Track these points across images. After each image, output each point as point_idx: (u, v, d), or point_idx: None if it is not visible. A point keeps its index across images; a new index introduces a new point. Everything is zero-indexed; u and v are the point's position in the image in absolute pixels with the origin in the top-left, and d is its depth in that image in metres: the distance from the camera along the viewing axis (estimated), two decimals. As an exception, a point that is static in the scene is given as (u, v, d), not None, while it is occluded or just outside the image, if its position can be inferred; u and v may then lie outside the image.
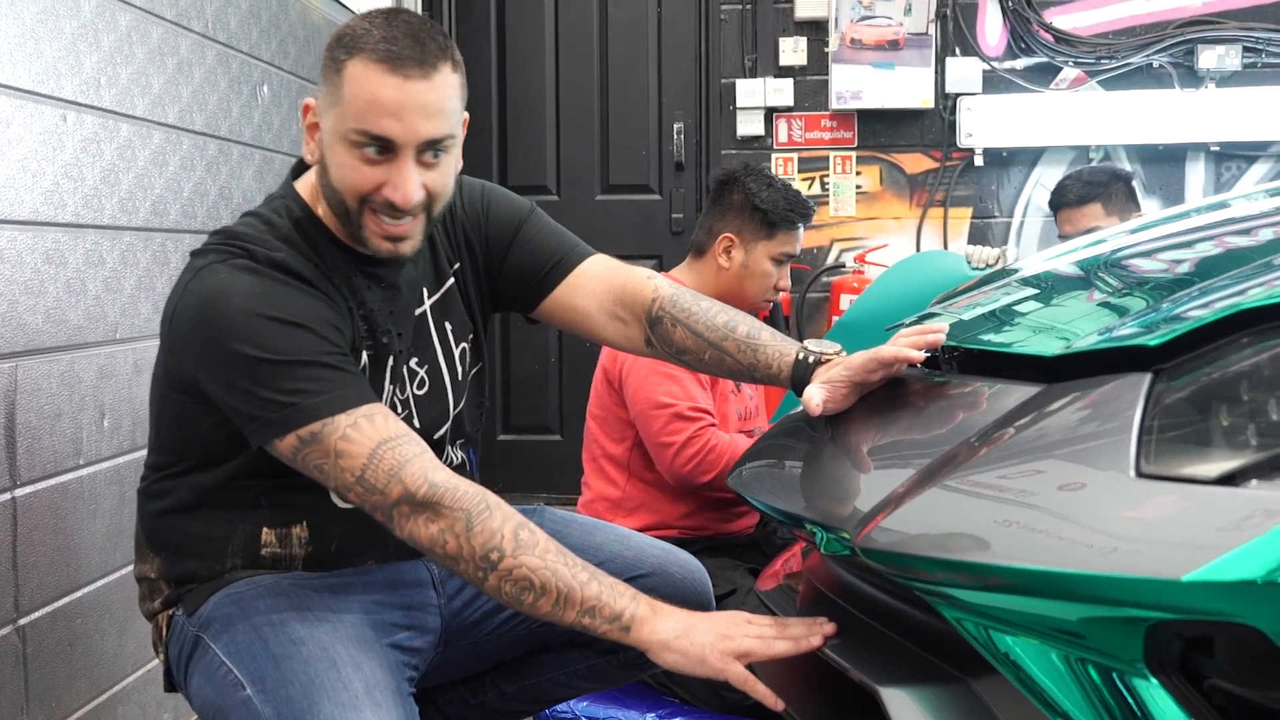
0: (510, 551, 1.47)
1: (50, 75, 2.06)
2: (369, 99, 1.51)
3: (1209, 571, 0.88)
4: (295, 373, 1.48)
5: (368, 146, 1.53)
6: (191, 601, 1.62)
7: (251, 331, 1.49)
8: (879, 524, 1.20)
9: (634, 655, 1.80)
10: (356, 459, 1.47)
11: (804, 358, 1.67)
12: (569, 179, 4.60)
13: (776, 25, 4.40)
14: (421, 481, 1.48)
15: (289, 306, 1.52)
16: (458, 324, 1.77)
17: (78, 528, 2.15)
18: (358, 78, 1.51)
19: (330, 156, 1.57)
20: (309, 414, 1.48)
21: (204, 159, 2.61)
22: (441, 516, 1.48)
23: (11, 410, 1.95)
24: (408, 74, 1.51)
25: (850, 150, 4.41)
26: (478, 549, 1.47)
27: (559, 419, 4.65)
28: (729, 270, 2.75)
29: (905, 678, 1.27)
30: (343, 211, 1.58)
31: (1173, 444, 1.03)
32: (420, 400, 1.71)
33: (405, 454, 1.49)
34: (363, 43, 1.52)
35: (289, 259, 1.56)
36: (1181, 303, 1.25)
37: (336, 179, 1.56)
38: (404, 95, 1.51)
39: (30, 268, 1.99)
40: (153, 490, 1.68)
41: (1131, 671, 1.00)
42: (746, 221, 2.73)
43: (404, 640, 1.68)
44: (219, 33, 2.69)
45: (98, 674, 2.22)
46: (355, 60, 1.52)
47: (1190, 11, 4.26)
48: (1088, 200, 3.30)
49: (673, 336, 1.78)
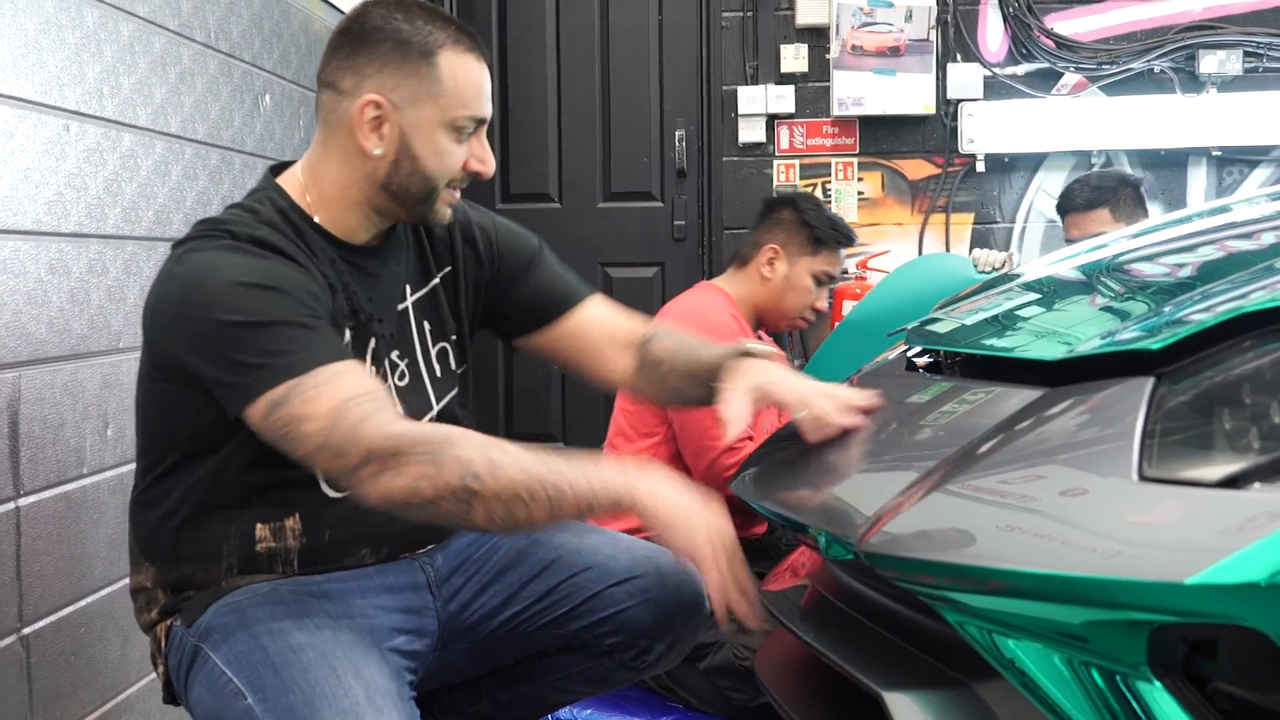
0: (487, 472, 1.45)
1: (53, 85, 2.06)
2: (474, 87, 1.67)
3: (1213, 574, 0.88)
4: (272, 333, 1.49)
5: (468, 129, 1.67)
6: (190, 612, 1.62)
7: (230, 298, 1.50)
8: (882, 528, 1.20)
9: (631, 657, 1.82)
10: (318, 420, 1.45)
11: (739, 351, 1.75)
12: (571, 186, 4.60)
13: (778, 32, 4.41)
14: (378, 436, 1.45)
15: (267, 273, 1.53)
16: (438, 324, 1.80)
17: (81, 537, 2.15)
18: (458, 68, 1.65)
19: (423, 145, 1.65)
20: (279, 374, 1.47)
21: (206, 169, 2.61)
22: (407, 464, 1.44)
23: (15, 420, 1.95)
24: (485, 58, 1.70)
25: (852, 156, 4.41)
26: (454, 482, 1.44)
27: (562, 426, 4.65)
28: (771, 281, 2.84)
29: (908, 682, 1.27)
30: (423, 194, 1.67)
31: (1175, 447, 1.03)
32: (402, 392, 1.73)
33: (364, 410, 1.46)
34: (440, 35, 1.64)
35: (270, 236, 1.59)
36: (1183, 307, 1.25)
37: (433, 165, 1.66)
38: (488, 78, 1.71)
39: (34, 278, 2.00)
40: (144, 499, 1.68)
41: (1135, 675, 1.00)
42: (794, 236, 2.84)
43: (403, 644, 1.68)
44: (221, 42, 2.70)
45: (102, 683, 2.22)
46: (447, 53, 1.64)
47: (1191, 16, 4.26)
48: (1095, 205, 3.30)
49: (655, 350, 1.86)
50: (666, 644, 1.83)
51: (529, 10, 4.60)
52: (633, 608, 1.79)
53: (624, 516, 1.53)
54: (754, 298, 2.84)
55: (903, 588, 1.23)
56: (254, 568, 1.64)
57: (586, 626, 1.80)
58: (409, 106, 1.63)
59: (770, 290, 2.84)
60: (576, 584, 1.79)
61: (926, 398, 1.54)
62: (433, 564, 1.77)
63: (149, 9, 2.38)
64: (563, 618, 1.80)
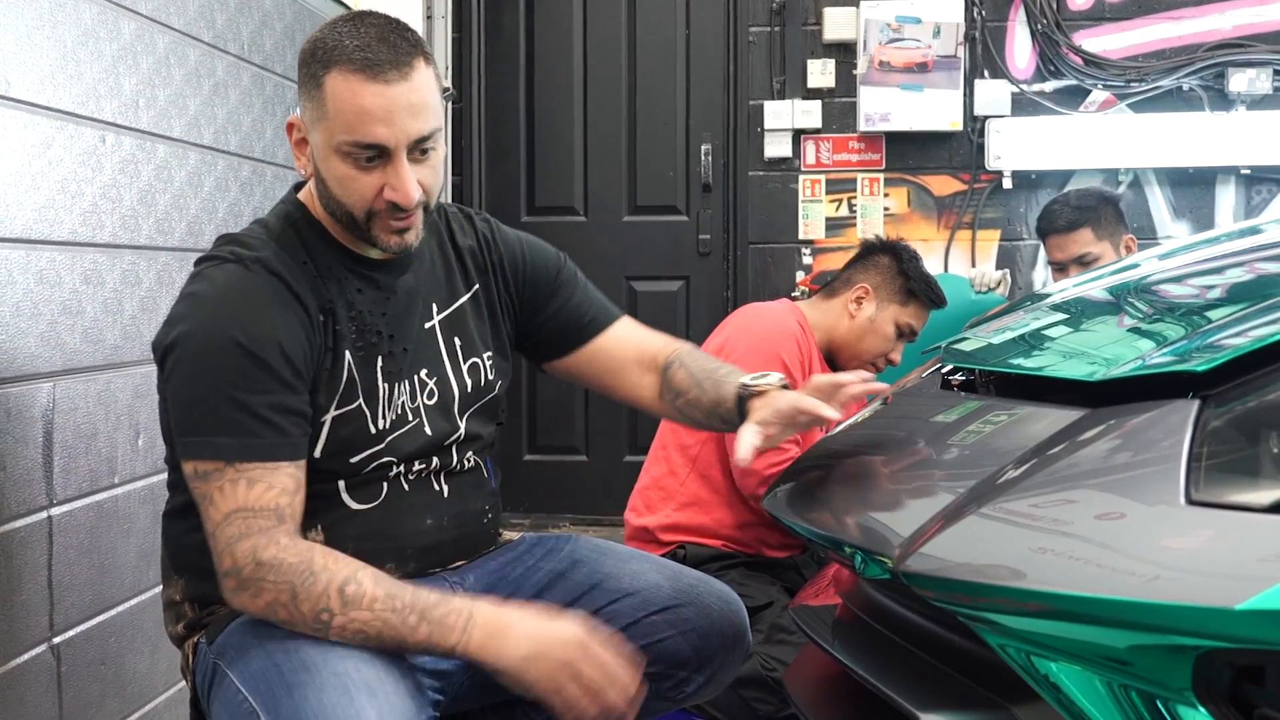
0: (339, 609, 1.50)
1: (90, 97, 2.08)
2: (355, 110, 1.53)
3: (1263, 600, 0.87)
4: (226, 410, 1.52)
5: (362, 155, 1.55)
6: (213, 629, 1.62)
7: (211, 353, 1.53)
8: (921, 548, 1.20)
9: (669, 687, 1.80)
10: (217, 514, 1.52)
11: (740, 393, 1.74)
12: (596, 200, 4.61)
13: (805, 47, 4.41)
14: (248, 559, 1.50)
15: (257, 328, 1.54)
16: (469, 341, 1.79)
17: (112, 547, 2.16)
18: (339, 91, 1.53)
19: (326, 170, 1.59)
20: (210, 451, 1.52)
21: (238, 180, 2.63)
22: (265, 591, 1.50)
23: (49, 429, 1.96)
24: (388, 79, 1.53)
25: (878, 172, 4.40)
26: (307, 614, 1.50)
27: (585, 440, 4.65)
28: (855, 320, 2.86)
29: (946, 704, 1.26)
30: (350, 222, 1.62)
31: (1222, 471, 1.02)
32: (430, 410, 1.72)
33: (250, 528, 1.51)
34: (336, 54, 1.54)
35: (272, 259, 1.60)
36: (1220, 330, 1.25)
37: (338, 193, 1.59)
38: (388, 100, 1.53)
39: (69, 288, 2.01)
40: (174, 510, 1.68)
41: (1179, 700, 0.99)
42: (887, 282, 2.87)
43: (428, 662, 1.66)
44: (254, 55, 2.72)
45: (130, 693, 2.23)
46: (333, 73, 1.54)
47: (1220, 34, 4.25)
48: (1078, 225, 3.27)
49: (675, 379, 1.85)
50: (706, 676, 1.81)
51: (556, 24, 4.62)
52: (673, 637, 1.76)
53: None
54: (833, 330, 2.87)
55: (941, 608, 1.22)
56: None
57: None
58: (311, 129, 1.60)
59: (852, 328, 2.86)
60: (616, 610, 1.76)
61: (962, 416, 1.53)
62: (463, 582, 1.76)
63: (184, 21, 2.40)
64: None
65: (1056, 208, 3.37)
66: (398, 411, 1.68)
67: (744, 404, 1.73)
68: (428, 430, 1.71)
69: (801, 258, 4.43)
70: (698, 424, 1.87)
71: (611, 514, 4.18)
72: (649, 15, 4.58)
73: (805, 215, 4.43)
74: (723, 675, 1.83)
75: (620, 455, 4.62)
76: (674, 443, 2.80)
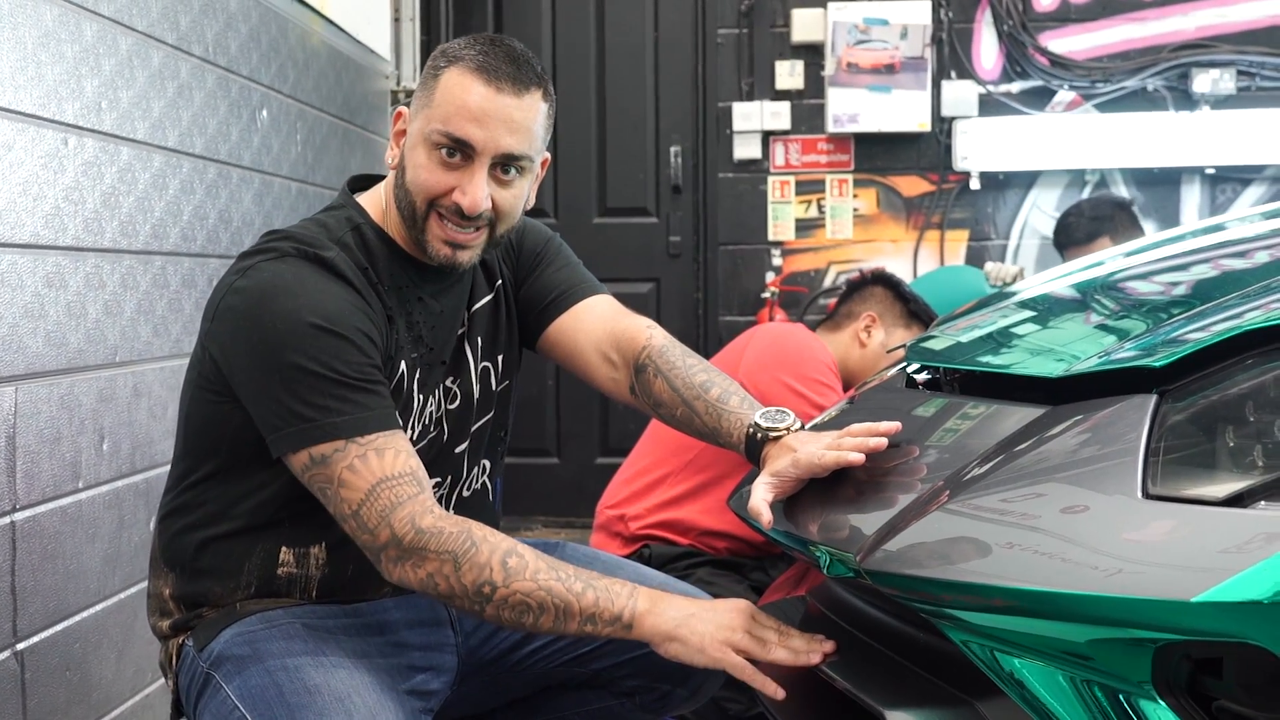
0: (502, 581, 1.48)
1: (51, 99, 2.06)
2: (458, 103, 1.56)
3: (1219, 592, 0.88)
4: (328, 387, 1.49)
5: (447, 149, 1.56)
6: (203, 634, 1.60)
7: (293, 337, 1.49)
8: (884, 546, 1.20)
9: (652, 700, 1.79)
10: (356, 492, 1.48)
11: (754, 433, 1.61)
12: (567, 202, 4.61)
13: (773, 49, 4.42)
14: (409, 528, 1.47)
15: (332, 310, 1.51)
16: (487, 343, 1.77)
17: (76, 552, 2.14)
18: (452, 83, 1.57)
19: (410, 158, 1.60)
20: (325, 433, 1.48)
21: (204, 182, 2.61)
22: (428, 560, 1.48)
23: (12, 434, 1.94)
24: (499, 86, 1.56)
25: (847, 173, 4.42)
26: (469, 586, 1.48)
27: (556, 442, 4.65)
28: (866, 349, 2.90)
29: (910, 700, 1.27)
30: (410, 213, 1.61)
31: (1179, 465, 1.03)
32: (451, 415, 1.71)
33: (400, 495, 1.48)
34: (463, 55, 1.58)
35: (336, 260, 1.57)
36: (1183, 325, 1.26)
37: (411, 180, 1.59)
38: (491, 104, 1.56)
39: (31, 291, 1.99)
40: (176, 505, 1.65)
41: (1139, 693, 1.00)
42: (890, 308, 2.92)
43: (420, 684, 1.66)
44: (219, 57, 2.70)
45: (96, 698, 2.21)
46: (454, 68, 1.57)
47: (1185, 35, 4.28)
48: (1096, 235, 3.29)
49: (652, 387, 1.75)
50: (689, 690, 1.81)
51: (525, 26, 4.61)
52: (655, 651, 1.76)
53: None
54: (847, 359, 2.92)
55: (905, 605, 1.23)
56: (272, 591, 1.62)
57: (609, 667, 1.77)
58: (414, 118, 1.61)
59: (865, 355, 2.91)
60: None
61: (926, 414, 1.54)
62: None
63: (147, 23, 2.38)
64: (585, 656, 1.77)
65: (1072, 220, 3.38)
66: (424, 423, 1.67)
67: (757, 445, 1.61)
68: (447, 438, 1.70)
69: (771, 259, 4.44)
70: (682, 431, 1.78)
71: (584, 516, 4.16)
72: (618, 17, 4.58)
73: (775, 216, 4.44)
74: (705, 690, 1.83)
75: (592, 458, 4.61)
76: (672, 441, 2.79)
